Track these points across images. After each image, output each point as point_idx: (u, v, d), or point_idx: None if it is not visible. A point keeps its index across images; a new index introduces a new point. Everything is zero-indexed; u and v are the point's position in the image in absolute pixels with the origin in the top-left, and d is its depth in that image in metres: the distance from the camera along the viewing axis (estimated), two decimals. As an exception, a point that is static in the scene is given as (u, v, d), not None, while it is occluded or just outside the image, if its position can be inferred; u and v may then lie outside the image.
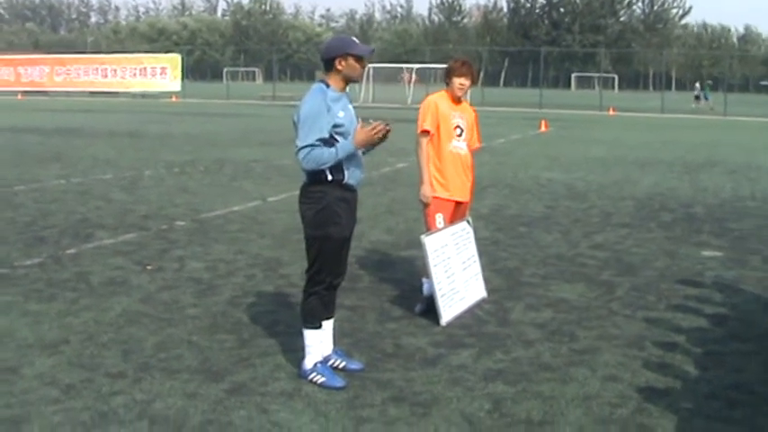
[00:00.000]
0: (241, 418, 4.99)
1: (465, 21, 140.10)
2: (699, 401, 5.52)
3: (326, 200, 5.42)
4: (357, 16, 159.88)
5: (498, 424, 5.08)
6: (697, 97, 59.39)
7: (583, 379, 5.87)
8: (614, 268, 9.31)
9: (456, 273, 7.29)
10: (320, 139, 5.28)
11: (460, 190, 7.38)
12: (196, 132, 28.03)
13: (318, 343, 5.68)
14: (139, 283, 8.13)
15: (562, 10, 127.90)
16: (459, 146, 7.33)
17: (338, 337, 6.23)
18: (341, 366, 5.83)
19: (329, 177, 5.41)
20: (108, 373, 5.66)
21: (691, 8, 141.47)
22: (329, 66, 5.42)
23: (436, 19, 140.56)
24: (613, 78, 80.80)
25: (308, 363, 5.63)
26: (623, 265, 9.49)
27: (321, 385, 5.49)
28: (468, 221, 7.69)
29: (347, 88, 5.58)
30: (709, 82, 67.11)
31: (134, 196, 13.77)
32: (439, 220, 7.24)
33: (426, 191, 7.21)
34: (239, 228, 11.13)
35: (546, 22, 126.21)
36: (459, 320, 7.11)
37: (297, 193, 5.63)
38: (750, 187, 16.52)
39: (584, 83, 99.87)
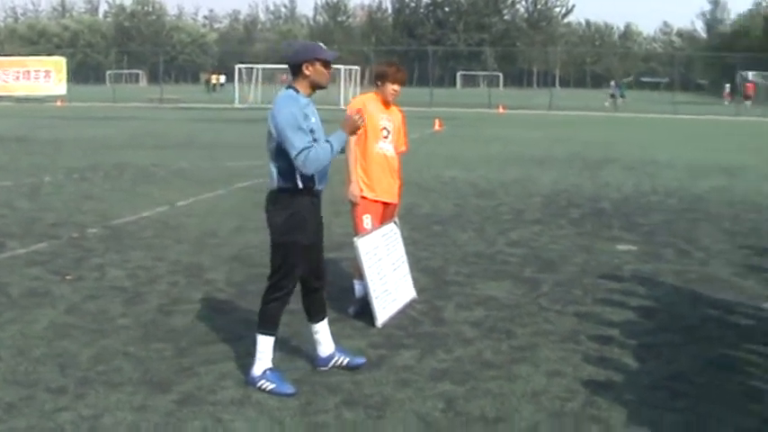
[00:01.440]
0: (196, 429, 4.96)
1: (350, 21, 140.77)
2: (643, 393, 5.77)
3: (296, 207, 5.48)
4: (241, 17, 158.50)
5: (455, 423, 5.20)
6: (612, 95, 61.68)
7: (527, 375, 6.05)
8: (535, 265, 9.58)
9: (387, 274, 7.40)
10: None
11: (387, 191, 7.48)
12: (88, 137, 27.34)
13: (271, 350, 5.69)
14: (62, 294, 7.94)
15: (447, 9, 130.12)
16: (386, 147, 7.42)
17: (281, 346, 6.25)
18: (345, 363, 5.95)
19: (300, 185, 5.47)
20: (48, 389, 5.52)
21: (573, 6, 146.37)
22: (296, 71, 5.48)
23: (321, 19, 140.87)
24: (498, 76, 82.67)
25: (258, 369, 5.65)
26: (543, 261, 9.78)
27: (270, 392, 5.52)
28: (395, 223, 7.79)
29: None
30: (626, 80, 69.99)
31: (38, 204, 13.38)
32: (366, 221, 7.32)
33: (354, 190, 7.29)
34: (153, 234, 10.96)
35: (431, 21, 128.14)
36: (394, 321, 7.21)
37: (205, 196, 5.67)
38: (650, 182, 17.22)
39: (470, 81, 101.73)
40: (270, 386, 5.54)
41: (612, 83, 67.49)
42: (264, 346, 5.66)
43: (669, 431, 5.15)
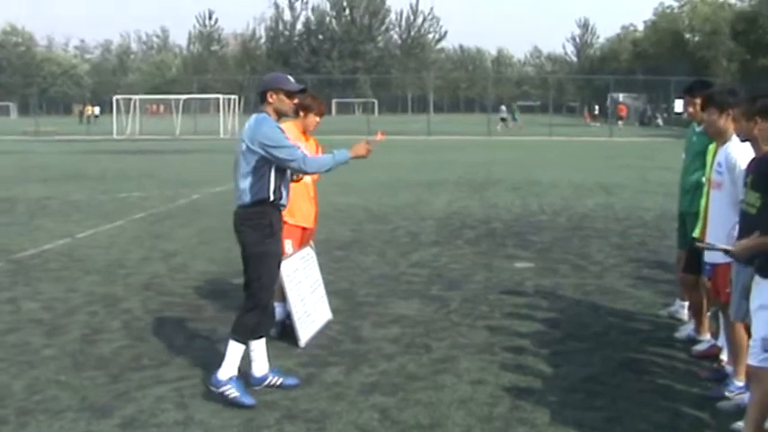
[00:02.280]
0: None
1: (224, 50, 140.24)
2: (562, 395, 6.24)
3: (267, 219, 5.95)
4: (113, 47, 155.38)
5: (393, 430, 5.53)
6: (503, 119, 63.65)
7: (452, 385, 6.45)
8: (440, 284, 10.03)
9: (306, 296, 7.70)
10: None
11: (306, 216, 7.81)
12: (-30, 171, 26.64)
13: (239, 358, 6.03)
14: (-21, 329, 7.94)
15: (321, 37, 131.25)
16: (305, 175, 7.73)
17: (208, 369, 6.55)
18: (278, 383, 6.24)
19: (271, 198, 5.93)
20: (-12, 420, 5.60)
21: (446, 32, 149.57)
22: (263, 98, 6.01)
23: (194, 49, 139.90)
24: (373, 103, 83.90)
25: (224, 374, 5.97)
26: (447, 280, 10.23)
27: (233, 400, 5.86)
28: (311, 246, 8.10)
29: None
30: (518, 104, 72.64)
31: (-68, 239, 13.11)
32: (288, 245, 7.60)
33: (277, 216, 7.54)
34: (60, 266, 10.94)
35: (305, 49, 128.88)
36: (316, 341, 7.51)
37: (105, 228, 5.94)
38: (537, 202, 18.00)
39: (345, 108, 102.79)
40: (233, 393, 5.88)
41: (503, 107, 69.89)
42: (235, 352, 6.01)
43: (591, 428, 5.59)
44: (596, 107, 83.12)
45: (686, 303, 8.20)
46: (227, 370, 5.99)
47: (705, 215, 6.66)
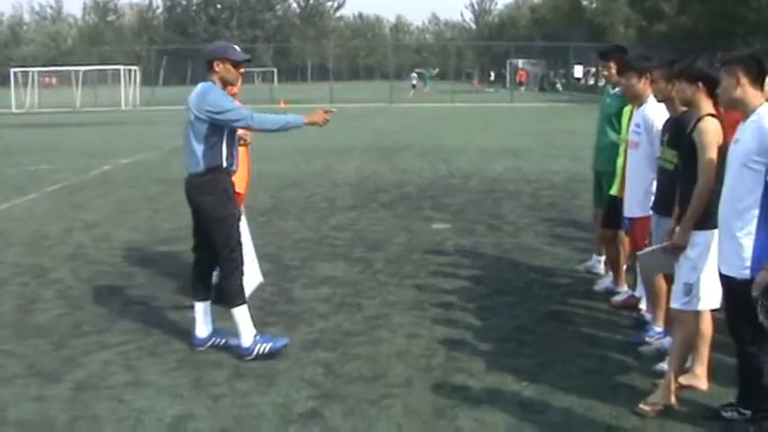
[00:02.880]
0: (104, 410, 5.35)
1: (120, 20, 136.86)
2: (494, 345, 6.61)
3: (222, 185, 6.17)
4: (4, 18, 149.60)
5: (338, 383, 5.83)
6: (414, 85, 64.21)
7: (388, 339, 6.76)
8: (362, 246, 10.31)
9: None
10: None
11: (239, 182, 7.94)
12: None
13: (248, 319, 6.27)
14: None
15: (219, 6, 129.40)
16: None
17: (149, 333, 6.81)
18: (222, 344, 6.42)
19: (223, 164, 6.12)
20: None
21: (345, 0, 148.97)
22: (209, 67, 6.13)
23: (90, 19, 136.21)
24: (273, 72, 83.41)
25: (247, 340, 6.21)
26: (368, 242, 10.53)
27: (271, 352, 6.17)
28: (242, 212, 8.25)
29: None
30: (431, 72, 73.38)
31: None
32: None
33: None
34: (-20, 240, 10.84)
35: (203, 18, 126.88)
36: (250, 303, 7.63)
37: (20, 201, 6.05)
38: (447, 167, 18.40)
39: (245, 77, 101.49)
40: (266, 347, 6.19)
41: (413, 73, 70.56)
42: (243, 316, 6.24)
43: (526, 374, 5.96)
44: (491, 73, 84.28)
45: (602, 258, 8.65)
46: (247, 335, 6.23)
47: (622, 173, 7.08)
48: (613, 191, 7.51)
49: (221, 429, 5.10)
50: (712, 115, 5.13)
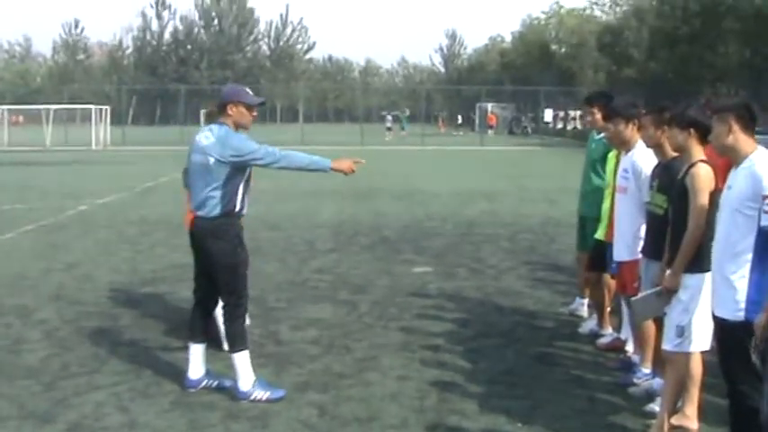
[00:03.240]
0: None
1: (90, 60, 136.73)
2: (485, 387, 6.72)
3: (235, 230, 6.30)
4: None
5: (334, 425, 5.91)
6: (389, 128, 64.58)
7: (379, 381, 6.86)
8: (345, 288, 10.41)
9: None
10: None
11: None
12: None
13: (249, 365, 6.34)
14: None
15: (189, 47, 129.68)
16: None
17: (140, 375, 6.87)
18: (214, 386, 6.48)
19: (237, 208, 6.23)
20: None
21: (315, 43, 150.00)
22: (222, 110, 6.23)
23: (59, 59, 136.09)
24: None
25: (246, 384, 6.28)
26: (352, 285, 10.62)
27: (267, 400, 6.21)
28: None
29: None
30: (405, 113, 74.19)
31: None
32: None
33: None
34: (-41, 281, 10.81)
35: (173, 59, 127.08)
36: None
37: None
38: (423, 210, 18.58)
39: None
40: (264, 395, 6.26)
41: (389, 116, 71.11)
42: (244, 361, 6.30)
43: (518, 415, 6.07)
44: (459, 116, 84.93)
45: (585, 300, 8.82)
46: (247, 379, 6.30)
47: (609, 217, 7.25)
48: (599, 234, 7.68)
49: (222, 470, 5.13)
50: (704, 161, 5.32)
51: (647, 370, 6.62)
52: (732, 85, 41.09)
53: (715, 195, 5.21)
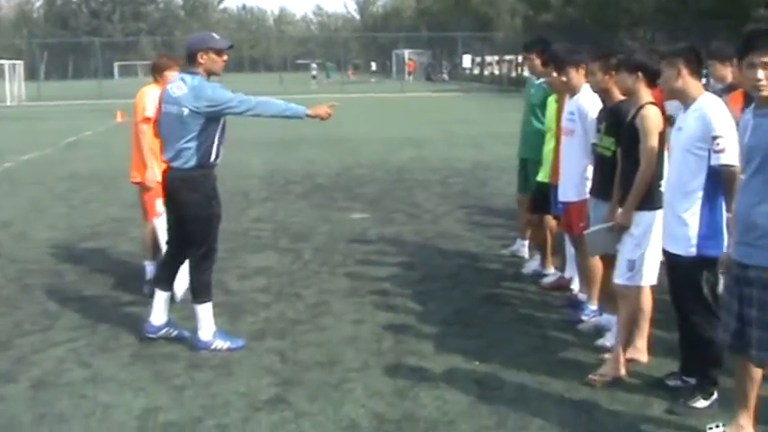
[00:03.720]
0: (68, 407, 5.38)
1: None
2: (439, 328, 6.85)
3: (210, 182, 6.24)
4: None
5: (296, 370, 5.99)
6: (314, 77, 64.37)
7: (334, 326, 6.94)
8: (287, 237, 10.44)
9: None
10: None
11: None
12: None
13: (211, 315, 6.36)
14: None
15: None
16: None
17: (94, 330, 6.84)
18: (174, 335, 6.48)
19: (212, 158, 6.15)
20: None
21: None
22: (192, 60, 6.08)
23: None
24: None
25: (206, 334, 6.30)
26: (292, 233, 10.65)
27: (228, 350, 6.23)
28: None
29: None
30: (330, 63, 74.07)
31: None
32: (159, 204, 7.76)
33: (151, 175, 7.70)
34: None
35: (85, 11, 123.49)
36: (188, 296, 7.69)
37: None
38: (353, 158, 18.60)
39: (128, 71, 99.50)
40: (224, 344, 6.26)
41: (313, 65, 70.93)
42: (207, 312, 6.32)
43: (474, 354, 6.21)
44: (372, 64, 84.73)
45: (526, 242, 9.00)
46: (207, 330, 6.32)
47: (555, 159, 7.39)
48: (540, 176, 7.84)
49: (193, 418, 5.18)
50: (653, 103, 5.47)
51: (593, 307, 6.83)
52: (648, 30, 41.74)
53: (663, 136, 5.39)
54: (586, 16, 47.42)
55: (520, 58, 59.68)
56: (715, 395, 5.14)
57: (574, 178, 6.72)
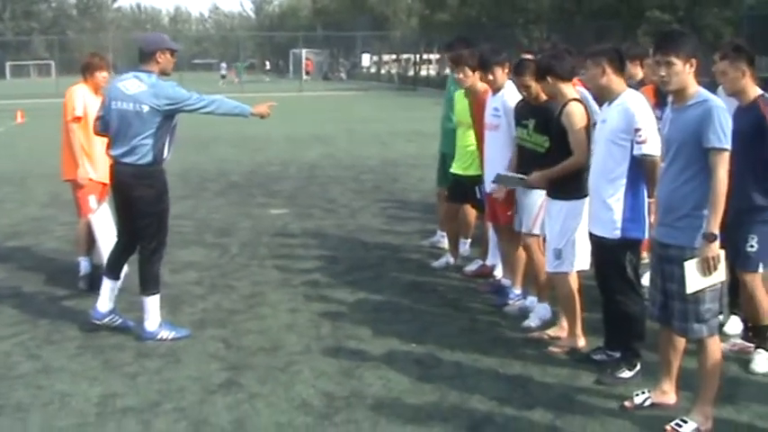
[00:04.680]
0: (25, 397, 5.49)
1: None
2: (371, 314, 7.16)
3: (163, 177, 6.40)
4: None
5: (242, 355, 6.21)
6: (223, 76, 65.42)
7: (272, 315, 7.18)
8: (210, 232, 10.58)
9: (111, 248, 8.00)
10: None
11: (106, 173, 8.06)
12: None
13: (158, 307, 6.51)
14: None
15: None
16: None
17: (36, 324, 6.92)
18: (118, 323, 6.59)
19: (165, 155, 6.32)
20: None
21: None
22: (149, 59, 6.23)
23: None
24: (50, 65, 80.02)
25: (152, 325, 6.45)
26: (215, 229, 10.80)
27: (173, 340, 6.39)
28: (106, 202, 8.38)
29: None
30: (246, 63, 73.63)
31: None
32: (92, 200, 7.89)
33: (83, 172, 7.78)
34: None
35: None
36: (124, 288, 7.78)
37: None
38: (263, 156, 18.74)
39: (20, 71, 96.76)
40: (169, 334, 6.43)
41: (223, 64, 70.79)
42: (154, 304, 6.47)
43: (409, 337, 6.53)
44: (266, 63, 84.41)
45: (446, 233, 9.34)
46: (154, 320, 6.48)
47: (480, 153, 7.71)
48: (453, 169, 8.20)
49: (150, 403, 5.35)
50: (576, 100, 5.88)
51: (517, 291, 7.23)
52: (545, 29, 42.77)
53: (588, 129, 5.81)
54: (483, 15, 48.25)
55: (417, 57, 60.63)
56: (638, 366, 5.57)
57: (500, 170, 7.07)
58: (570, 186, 5.87)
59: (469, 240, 9.10)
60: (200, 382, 5.67)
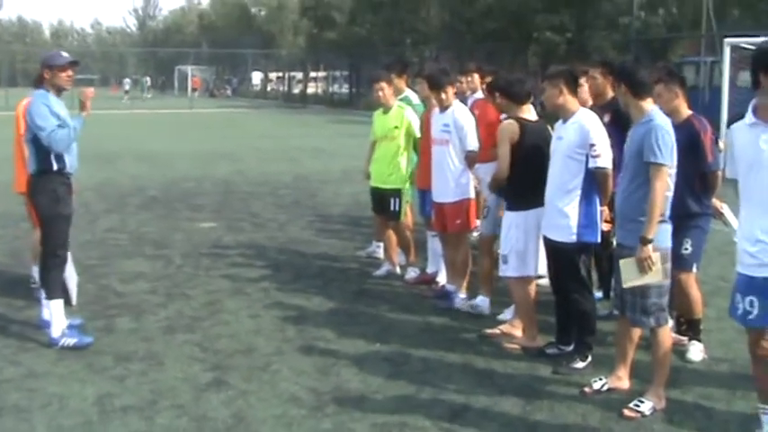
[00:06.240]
0: (21, 399, 5.68)
1: None
2: (330, 318, 7.57)
3: (53, 185, 6.55)
4: None
5: (220, 357, 6.53)
6: (127, 92, 64.41)
7: (235, 321, 7.50)
8: (147, 245, 10.74)
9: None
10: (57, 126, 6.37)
11: None
12: None
13: (63, 311, 6.61)
14: None
15: None
16: None
17: (5, 332, 7.06)
18: (72, 344, 6.67)
19: (54, 167, 6.48)
20: None
21: (3, 3, 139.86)
22: (39, 76, 6.55)
23: None
24: None
25: (56, 331, 6.55)
26: (151, 242, 10.97)
27: (75, 346, 6.49)
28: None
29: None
30: (144, 78, 73.15)
31: None
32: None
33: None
34: None
35: None
36: (82, 299, 7.99)
37: None
38: (172, 172, 18.76)
39: None
40: (71, 341, 6.53)
41: (127, 80, 69.91)
42: (57, 309, 6.58)
43: (373, 337, 6.96)
44: (147, 79, 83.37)
45: (382, 244, 9.79)
46: (57, 326, 6.61)
47: (425, 166, 8.20)
48: (374, 182, 8.81)
49: (147, 401, 5.62)
50: (512, 118, 6.44)
51: (463, 295, 7.75)
52: (434, 48, 43.77)
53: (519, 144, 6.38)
54: (373, 34, 48.89)
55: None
56: (590, 358, 6.15)
57: (449, 182, 7.58)
58: (518, 199, 6.44)
59: (382, 244, 9.52)
60: (188, 382, 5.96)
